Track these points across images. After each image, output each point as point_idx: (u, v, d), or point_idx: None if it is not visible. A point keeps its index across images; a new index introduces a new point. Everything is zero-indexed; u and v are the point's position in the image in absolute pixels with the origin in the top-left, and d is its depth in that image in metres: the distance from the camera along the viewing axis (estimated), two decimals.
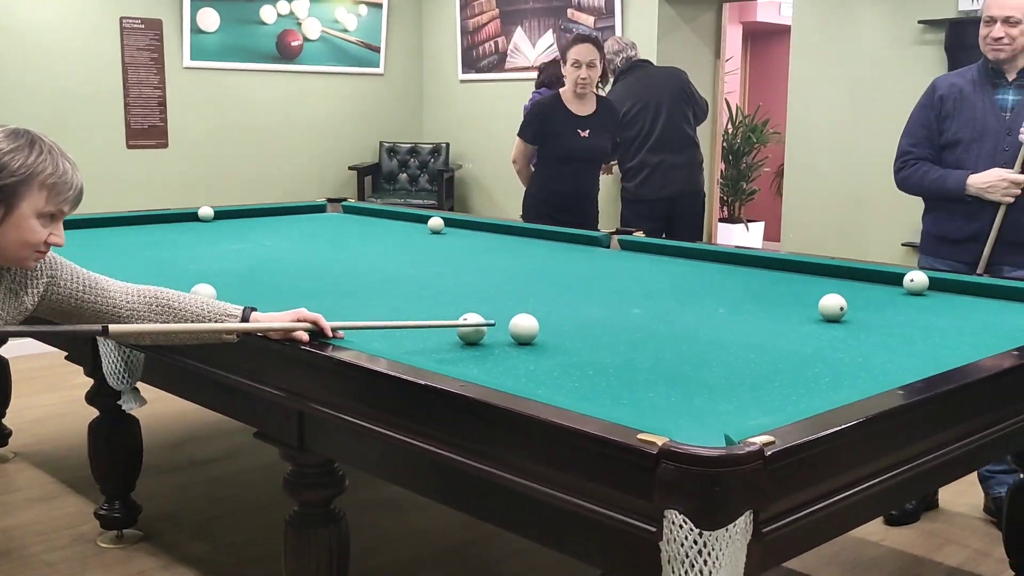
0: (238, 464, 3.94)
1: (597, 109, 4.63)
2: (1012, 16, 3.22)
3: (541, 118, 4.62)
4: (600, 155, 4.73)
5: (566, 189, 4.64)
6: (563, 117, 4.57)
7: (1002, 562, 2.73)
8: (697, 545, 1.35)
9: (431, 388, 1.73)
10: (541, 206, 4.68)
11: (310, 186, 7.04)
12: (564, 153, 4.60)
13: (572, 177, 4.64)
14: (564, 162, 4.61)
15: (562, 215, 4.50)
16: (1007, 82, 3.32)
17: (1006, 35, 3.23)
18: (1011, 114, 3.28)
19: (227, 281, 2.78)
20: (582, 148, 4.59)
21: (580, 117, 4.57)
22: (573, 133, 4.55)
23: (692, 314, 2.55)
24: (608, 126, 4.69)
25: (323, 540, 2.26)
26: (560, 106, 4.60)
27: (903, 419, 1.67)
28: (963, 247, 3.36)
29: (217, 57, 6.66)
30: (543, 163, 4.70)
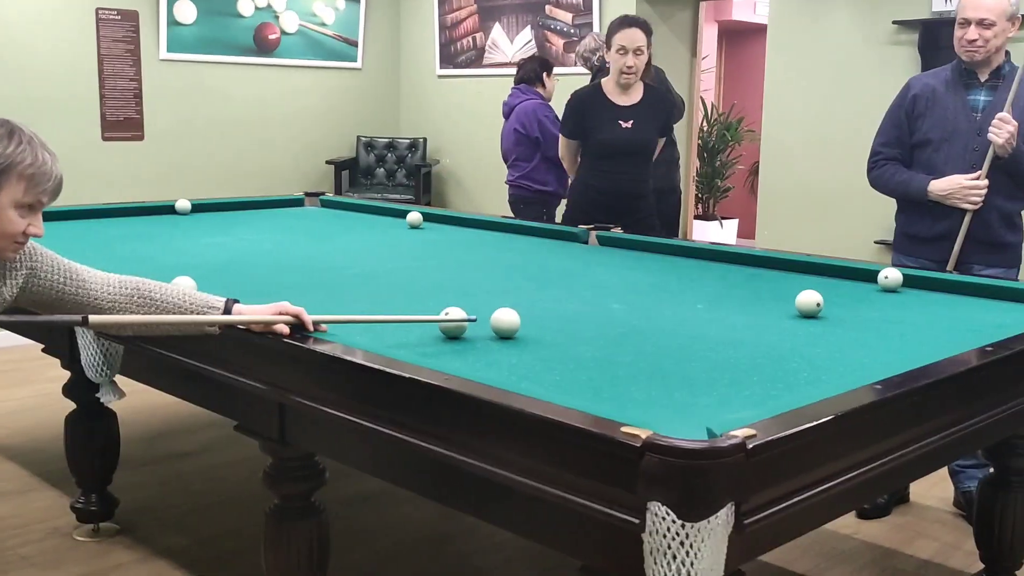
0: (216, 457, 3.93)
1: (643, 98, 4.23)
2: (986, 18, 3.27)
3: (579, 110, 4.25)
4: (644, 148, 4.27)
5: (607, 187, 4.21)
6: (603, 108, 4.19)
7: (972, 555, 2.77)
8: (679, 537, 1.37)
9: (414, 381, 1.74)
10: (582, 207, 4.27)
11: (287, 180, 7.02)
12: (603, 147, 4.20)
13: (614, 173, 4.21)
14: (604, 157, 4.21)
15: (605, 216, 4.05)
16: (979, 83, 3.37)
17: (980, 37, 3.27)
18: (982, 115, 3.34)
19: (206, 274, 2.77)
20: (623, 141, 4.17)
21: (622, 107, 4.18)
22: (613, 125, 4.16)
23: (671, 309, 2.57)
24: (656, 116, 4.27)
25: (303, 533, 2.27)
26: (600, 96, 4.22)
27: (880, 414, 1.70)
28: (933, 245, 3.41)
29: (194, 49, 6.62)
30: (584, 160, 4.32)
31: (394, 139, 7.49)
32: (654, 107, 4.25)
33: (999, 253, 3.36)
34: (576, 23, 6.41)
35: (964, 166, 3.34)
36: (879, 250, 5.08)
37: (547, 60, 5.69)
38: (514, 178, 5.48)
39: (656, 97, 4.31)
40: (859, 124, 3.89)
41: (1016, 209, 3.39)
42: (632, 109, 4.18)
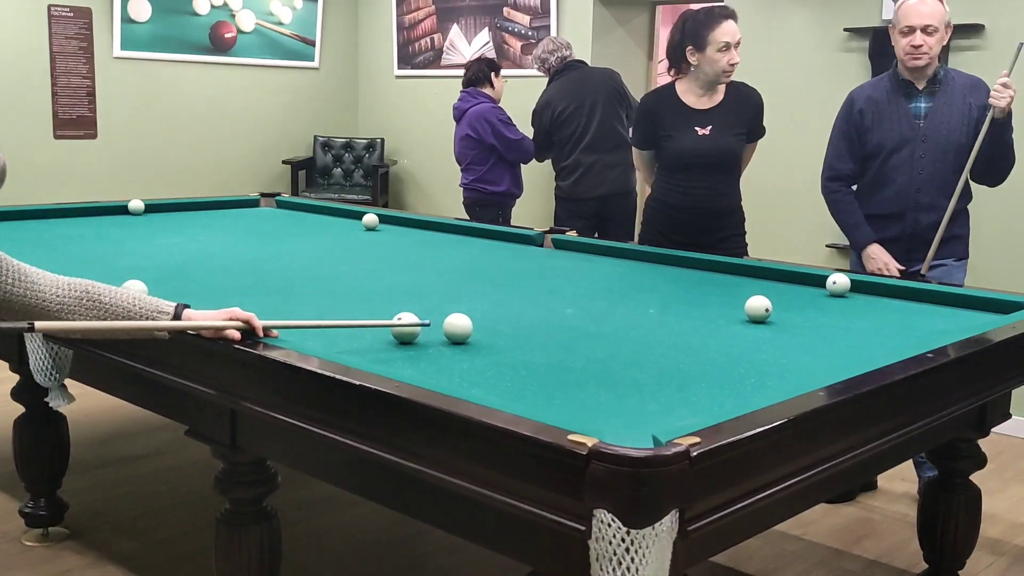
0: (167, 461, 3.90)
1: (724, 99, 3.70)
2: (930, 24, 3.37)
3: (649, 116, 3.76)
4: (726, 157, 3.70)
5: (684, 203, 3.71)
6: (676, 113, 3.68)
7: (917, 555, 2.82)
8: (625, 543, 1.39)
9: (364, 388, 1.74)
10: (657, 226, 3.80)
11: (243, 180, 6.96)
12: (676, 158, 3.70)
13: (691, 188, 3.70)
14: (679, 169, 3.70)
15: (683, 236, 3.66)
16: (918, 91, 3.47)
17: (925, 43, 3.37)
18: (924, 121, 3.45)
19: (158, 277, 2.76)
20: (699, 150, 3.66)
21: (699, 111, 3.68)
22: (688, 131, 3.66)
23: (623, 314, 2.60)
24: (740, 118, 3.72)
25: (254, 538, 2.26)
26: (672, 99, 3.71)
27: (824, 419, 1.73)
28: (886, 247, 3.54)
29: (148, 48, 6.55)
30: (660, 172, 3.81)
31: (351, 139, 7.46)
32: (737, 108, 3.71)
33: (945, 246, 3.49)
34: (534, 25, 6.43)
35: (911, 172, 3.46)
36: (831, 253, 5.15)
37: (494, 61, 5.69)
38: (468, 181, 5.49)
39: (739, 95, 3.74)
40: (811, 129, 3.95)
41: (960, 207, 3.51)
42: (710, 113, 3.67)
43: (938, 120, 3.44)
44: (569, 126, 5.17)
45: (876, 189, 3.57)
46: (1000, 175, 3.54)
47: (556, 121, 5.20)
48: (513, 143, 5.37)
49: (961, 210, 3.53)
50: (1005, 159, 3.47)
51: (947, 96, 3.45)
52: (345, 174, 7.43)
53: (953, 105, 3.43)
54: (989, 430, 2.61)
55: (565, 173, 5.24)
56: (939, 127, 3.44)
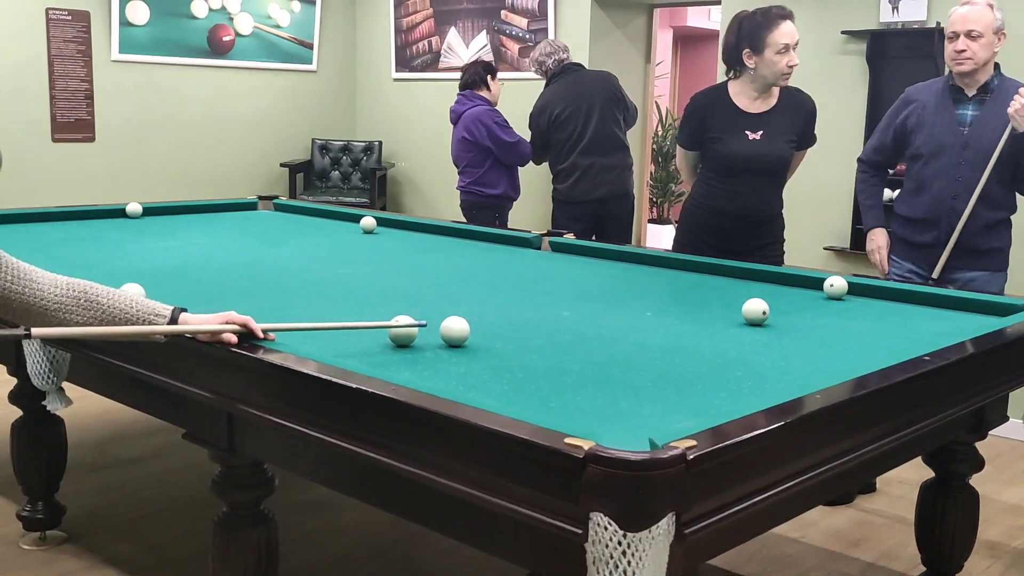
0: (165, 463, 3.89)
1: (777, 104, 3.64)
2: (974, 30, 3.39)
3: (699, 115, 3.69)
4: (776, 164, 3.64)
5: (727, 208, 3.64)
6: (727, 114, 3.61)
7: (914, 558, 2.82)
8: (621, 546, 1.39)
9: (361, 391, 1.74)
10: (693, 230, 3.74)
11: (241, 183, 6.97)
12: (724, 161, 3.62)
13: (736, 193, 3.63)
14: (725, 174, 3.64)
15: (719, 241, 3.63)
16: (967, 98, 3.48)
17: (968, 48, 3.39)
18: (969, 129, 3.47)
19: (156, 280, 2.76)
20: (749, 155, 3.58)
21: (751, 115, 3.60)
22: (738, 135, 3.59)
23: (620, 317, 2.60)
24: (793, 124, 3.66)
25: (252, 541, 2.26)
26: (724, 100, 3.64)
27: (821, 422, 1.73)
28: (920, 252, 3.58)
29: (146, 51, 6.55)
30: (703, 174, 3.74)
31: (349, 142, 7.47)
32: (791, 114, 3.65)
33: (982, 258, 3.51)
34: (531, 28, 6.44)
35: (950, 179, 3.49)
36: (829, 256, 5.16)
37: (491, 64, 5.69)
38: (465, 184, 5.49)
39: (794, 101, 3.68)
40: None
41: (999, 217, 3.52)
42: (763, 117, 3.60)
43: (982, 129, 3.44)
44: (566, 128, 5.18)
45: (915, 193, 3.59)
46: None
47: (554, 124, 5.20)
48: (509, 146, 5.37)
49: (1000, 221, 3.52)
50: None
51: (996, 105, 3.43)
52: (343, 177, 7.43)
53: (1000, 115, 3.40)
54: (987, 433, 2.61)
55: (563, 176, 5.24)
56: (982, 136, 3.43)
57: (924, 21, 4.73)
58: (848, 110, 4.98)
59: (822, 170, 4.95)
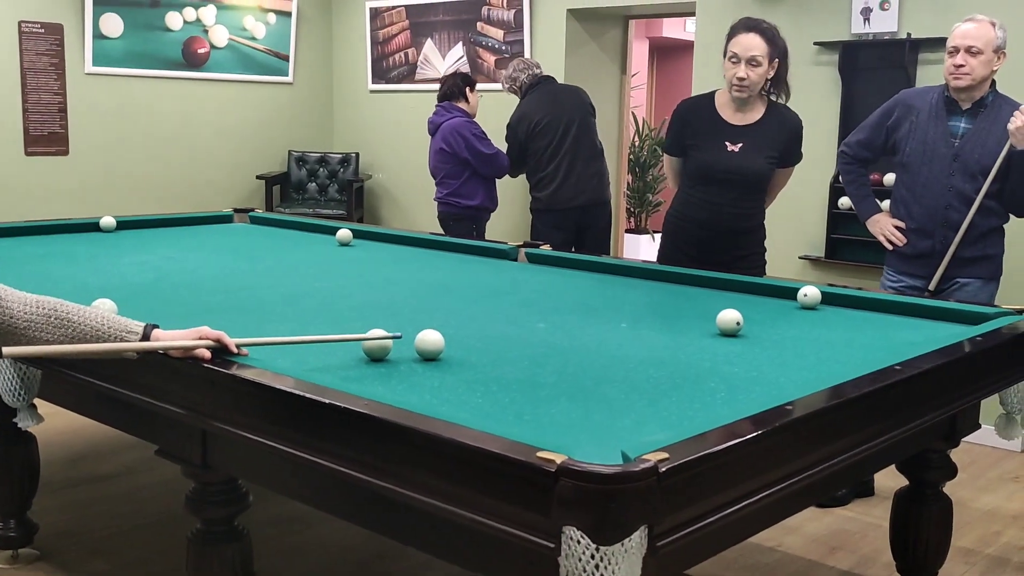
0: (139, 479, 3.86)
1: (762, 119, 3.63)
2: (974, 46, 3.44)
3: (682, 123, 3.70)
4: (753, 178, 3.63)
5: (704, 218, 3.65)
6: (710, 124, 3.62)
7: (890, 566, 2.83)
8: (594, 560, 1.39)
9: (333, 407, 1.73)
10: (674, 240, 3.76)
11: (217, 196, 6.93)
12: (701, 170, 3.63)
13: (713, 203, 3.63)
14: (702, 182, 3.64)
15: (699, 252, 3.62)
16: (961, 111, 3.53)
17: (967, 64, 3.44)
18: (960, 141, 3.52)
19: (129, 295, 2.74)
20: (726, 166, 3.59)
21: (733, 127, 3.60)
22: (718, 145, 3.59)
23: (595, 328, 2.60)
24: (773, 142, 3.64)
25: (226, 557, 2.24)
26: (709, 109, 3.65)
27: (792, 433, 1.74)
28: (916, 262, 3.62)
29: (121, 63, 6.52)
30: (683, 181, 3.76)
31: (326, 154, 7.45)
32: (773, 131, 3.62)
33: (976, 265, 3.56)
34: (507, 40, 6.45)
35: (943, 188, 3.52)
36: (804, 265, 5.19)
37: (469, 76, 5.71)
38: (443, 195, 5.50)
39: (779, 118, 3.66)
40: None
41: (992, 225, 3.57)
42: (745, 130, 3.59)
43: (974, 142, 3.49)
44: (546, 136, 5.22)
45: (909, 202, 3.63)
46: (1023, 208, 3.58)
47: (532, 132, 5.23)
48: (487, 157, 5.38)
49: (993, 229, 3.57)
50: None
51: (989, 121, 3.49)
52: (320, 189, 7.41)
53: (992, 131, 3.47)
54: (959, 440, 2.63)
55: (543, 183, 5.26)
56: (973, 149, 3.49)
57: (895, 32, 4.77)
58: (821, 120, 5.02)
59: (796, 179, 4.95)
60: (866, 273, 4.77)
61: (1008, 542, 3.54)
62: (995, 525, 3.68)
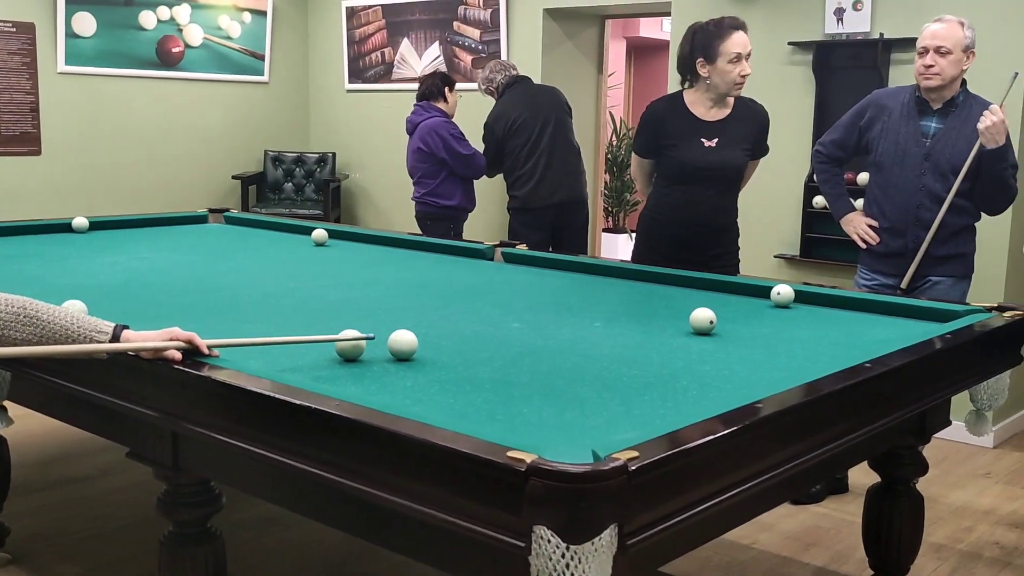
0: (113, 482, 3.83)
1: (732, 112, 3.67)
2: (943, 46, 3.47)
3: (654, 124, 3.70)
4: (731, 172, 3.67)
5: (683, 216, 3.66)
6: (683, 122, 3.64)
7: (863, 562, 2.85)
8: (564, 559, 1.39)
9: (304, 408, 1.73)
10: (650, 241, 3.75)
11: (192, 196, 6.90)
12: (679, 168, 3.64)
13: (691, 201, 3.65)
14: (680, 181, 3.66)
15: (678, 252, 3.61)
16: (932, 111, 3.57)
17: (936, 64, 3.47)
18: (931, 140, 3.55)
19: (100, 296, 2.73)
20: (704, 162, 3.61)
21: (706, 123, 3.64)
22: (694, 142, 3.61)
23: (570, 328, 2.61)
24: (748, 133, 3.70)
25: (199, 560, 2.23)
26: (680, 108, 3.67)
27: (762, 431, 1.74)
28: (888, 261, 3.65)
29: (94, 63, 6.47)
30: (658, 182, 3.77)
31: (302, 154, 7.42)
32: (745, 123, 3.69)
33: (948, 263, 3.59)
34: (484, 39, 6.45)
35: (914, 188, 3.56)
36: (779, 264, 5.21)
37: (448, 76, 5.71)
38: (420, 195, 5.49)
39: (748, 111, 3.72)
40: None
41: (964, 223, 3.60)
42: (718, 125, 3.63)
43: (944, 142, 3.53)
44: (523, 134, 5.23)
45: (881, 201, 3.66)
46: (995, 207, 3.62)
47: (510, 131, 5.24)
48: (464, 158, 5.38)
49: (964, 228, 3.60)
50: (1001, 192, 3.54)
51: (959, 120, 3.52)
52: (296, 189, 7.39)
53: (962, 130, 3.50)
54: (930, 437, 2.65)
55: (521, 181, 5.27)
56: (944, 149, 3.52)
57: (868, 32, 4.81)
58: (795, 119, 5.05)
59: (771, 178, 5.00)
60: (840, 272, 4.80)
61: (979, 538, 3.57)
62: (966, 521, 3.72)
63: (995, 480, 4.16)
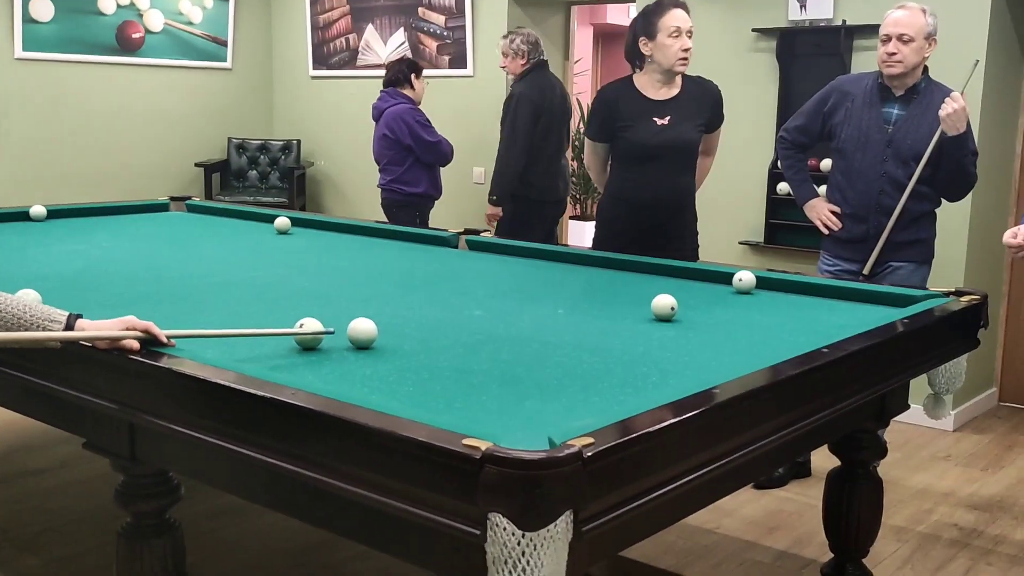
0: (72, 474, 3.79)
1: (682, 90, 3.67)
2: (906, 34, 3.49)
3: (606, 107, 3.71)
4: (685, 148, 3.66)
5: (642, 197, 3.66)
6: (634, 103, 3.64)
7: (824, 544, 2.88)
8: (520, 546, 1.39)
9: (260, 397, 1.71)
10: (612, 226, 3.75)
11: (155, 184, 6.81)
12: (634, 148, 3.64)
13: (649, 181, 3.65)
14: (637, 161, 3.66)
15: (640, 234, 3.64)
16: (895, 97, 3.58)
17: (899, 51, 3.49)
18: (893, 127, 3.57)
19: (55, 285, 2.69)
20: (658, 141, 3.61)
21: (657, 102, 3.64)
22: (647, 122, 3.61)
23: (532, 315, 2.60)
24: (700, 109, 3.69)
25: (157, 551, 2.21)
26: (630, 90, 3.68)
27: (718, 416, 1.75)
28: (851, 247, 3.67)
29: (52, 48, 6.37)
30: (615, 167, 3.76)
31: (267, 141, 7.36)
32: (696, 100, 3.69)
33: (909, 249, 3.62)
34: (449, 25, 6.41)
35: (876, 174, 3.59)
36: (744, 251, 5.24)
37: (415, 62, 5.66)
38: (386, 182, 5.46)
39: (698, 89, 3.72)
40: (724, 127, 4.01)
41: (925, 210, 3.63)
42: (669, 103, 3.64)
43: (906, 129, 3.55)
44: (555, 123, 5.23)
45: (844, 187, 3.68)
46: (955, 193, 3.65)
47: (548, 114, 5.16)
48: (430, 145, 5.35)
49: (925, 214, 3.63)
50: (961, 179, 3.56)
51: (921, 107, 3.54)
52: (261, 176, 7.32)
53: (924, 117, 3.52)
54: (889, 421, 2.68)
55: (546, 173, 5.23)
56: (906, 136, 3.54)
57: (831, 19, 4.83)
58: (760, 106, 5.06)
59: (736, 165, 5.02)
60: (804, 258, 4.83)
61: (939, 519, 3.61)
62: (927, 503, 3.76)
63: (955, 463, 4.22)
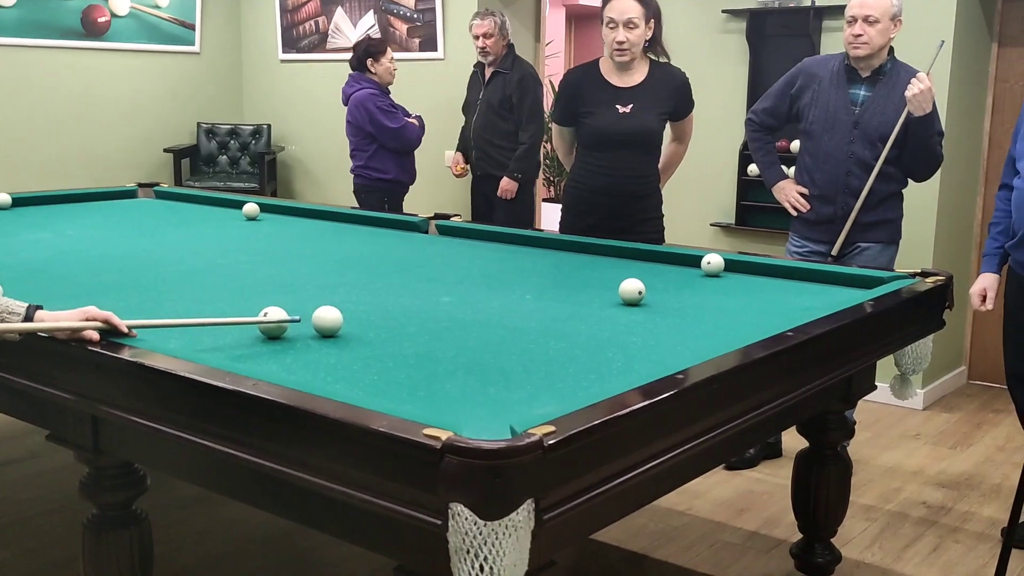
0: (39, 465, 3.76)
1: (647, 78, 3.63)
2: (871, 15, 3.50)
3: (570, 92, 3.69)
4: (647, 137, 3.63)
5: (602, 185, 3.65)
6: (597, 90, 3.62)
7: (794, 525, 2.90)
8: (481, 535, 1.39)
9: (220, 388, 1.70)
10: (575, 210, 3.75)
11: (123, 170, 6.73)
12: (595, 136, 3.63)
13: (610, 168, 3.63)
14: (598, 148, 3.65)
15: (600, 220, 3.63)
16: (861, 79, 3.60)
17: (865, 33, 3.49)
18: (860, 108, 3.59)
19: (18, 275, 2.66)
20: (619, 129, 3.58)
21: (620, 89, 3.61)
22: (609, 109, 3.59)
23: (500, 301, 2.59)
24: (664, 98, 3.64)
25: (123, 542, 2.20)
26: (595, 76, 3.65)
27: (682, 401, 1.74)
28: (819, 228, 3.68)
29: (14, 33, 6.26)
30: (579, 152, 3.77)
31: (237, 126, 7.29)
32: (660, 88, 3.63)
33: (876, 229, 3.64)
34: (419, 8, 6.36)
35: (843, 155, 3.60)
36: (715, 232, 5.25)
37: (376, 43, 5.49)
38: (356, 167, 5.42)
39: (663, 76, 3.66)
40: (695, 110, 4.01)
41: (892, 190, 3.65)
42: (632, 91, 3.60)
43: (873, 110, 3.56)
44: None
45: (812, 169, 3.70)
46: (922, 174, 3.66)
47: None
48: (391, 131, 5.27)
49: (892, 194, 3.65)
50: (928, 159, 3.58)
51: (887, 88, 3.56)
52: (231, 162, 7.26)
53: (890, 98, 3.54)
54: (856, 401, 2.70)
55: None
56: (873, 117, 3.56)
57: (800, 0, 4.82)
58: (730, 87, 5.06)
59: (707, 147, 5.02)
60: (775, 239, 4.85)
61: (907, 498, 3.65)
62: (895, 482, 3.80)
63: (924, 441, 4.26)
